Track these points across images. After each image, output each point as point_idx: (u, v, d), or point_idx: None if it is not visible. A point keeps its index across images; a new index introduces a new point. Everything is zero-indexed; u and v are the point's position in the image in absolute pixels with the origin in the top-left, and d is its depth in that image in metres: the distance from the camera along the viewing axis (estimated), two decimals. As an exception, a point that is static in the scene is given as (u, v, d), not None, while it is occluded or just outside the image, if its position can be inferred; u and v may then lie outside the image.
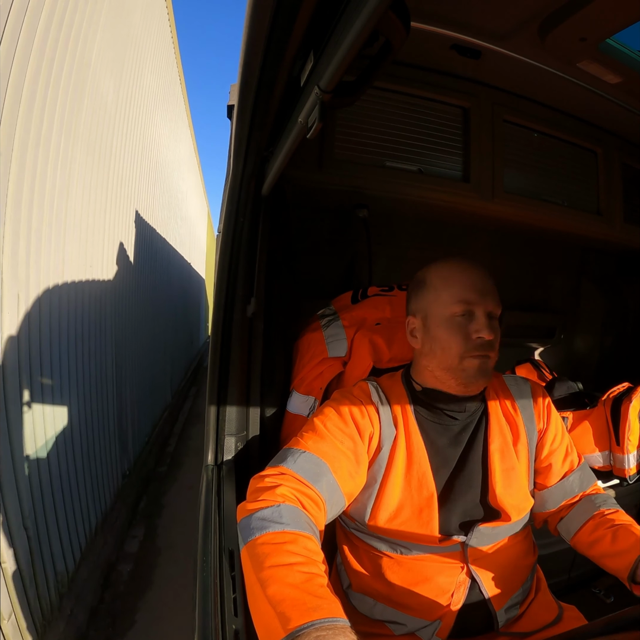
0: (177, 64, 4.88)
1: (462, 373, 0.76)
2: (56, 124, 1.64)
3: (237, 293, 1.04)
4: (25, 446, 1.53)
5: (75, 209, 1.89)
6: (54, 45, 1.58)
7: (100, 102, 2.16)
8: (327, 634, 0.45)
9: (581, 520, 0.79)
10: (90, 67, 1.96)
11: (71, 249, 1.88)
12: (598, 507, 0.79)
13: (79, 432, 2.03)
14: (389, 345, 1.06)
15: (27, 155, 1.44)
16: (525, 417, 0.83)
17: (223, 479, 0.97)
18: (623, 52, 1.03)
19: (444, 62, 1.23)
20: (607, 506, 0.79)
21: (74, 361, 1.94)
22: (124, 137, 2.72)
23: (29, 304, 1.52)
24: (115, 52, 2.40)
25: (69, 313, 1.88)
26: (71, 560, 1.86)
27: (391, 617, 0.76)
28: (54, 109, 1.63)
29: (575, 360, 2.06)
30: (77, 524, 1.97)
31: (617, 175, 1.55)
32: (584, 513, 0.80)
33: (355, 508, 0.79)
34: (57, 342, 1.76)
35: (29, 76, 1.41)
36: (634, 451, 1.35)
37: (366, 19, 0.44)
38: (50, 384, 1.69)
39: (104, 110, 2.23)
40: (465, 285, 0.76)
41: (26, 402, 1.51)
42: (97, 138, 2.13)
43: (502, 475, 0.78)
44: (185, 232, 6.68)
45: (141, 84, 3.15)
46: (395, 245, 1.63)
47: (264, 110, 0.79)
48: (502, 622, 0.75)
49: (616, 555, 0.71)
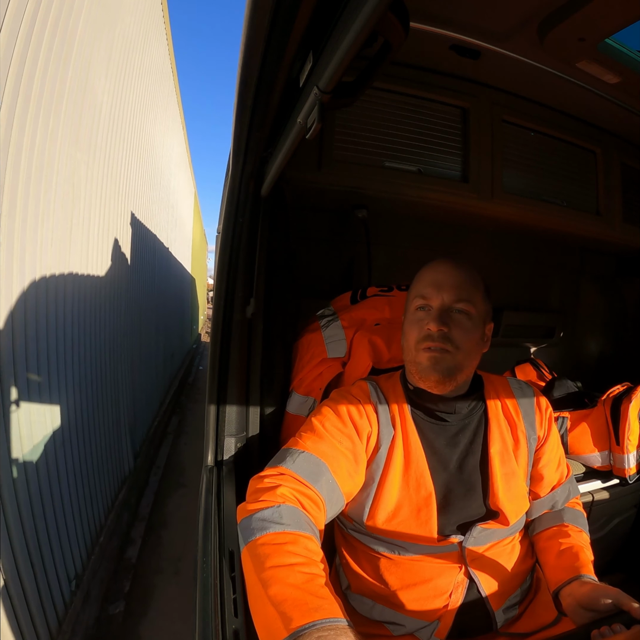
0: (168, 43, 4.27)
1: (418, 366, 0.77)
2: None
3: (237, 293, 1.04)
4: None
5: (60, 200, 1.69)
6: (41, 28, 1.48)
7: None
8: (328, 634, 0.45)
9: (547, 524, 0.84)
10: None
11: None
12: (566, 520, 0.82)
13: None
14: (389, 345, 1.06)
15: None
16: (527, 422, 0.83)
17: (223, 479, 0.97)
18: (622, 52, 1.03)
19: (443, 63, 1.23)
20: (575, 523, 0.82)
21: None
22: (114, 130, 2.50)
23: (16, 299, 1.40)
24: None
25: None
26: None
27: (390, 618, 0.76)
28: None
29: (574, 360, 2.06)
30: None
31: (616, 175, 1.55)
32: (552, 519, 0.84)
33: (353, 508, 0.79)
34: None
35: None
36: (633, 451, 1.35)
37: (365, 19, 0.44)
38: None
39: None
40: (425, 281, 0.80)
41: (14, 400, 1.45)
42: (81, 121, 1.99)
43: (502, 479, 0.77)
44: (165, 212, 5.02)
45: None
46: (394, 245, 1.63)
47: (263, 111, 0.79)
48: (500, 623, 0.75)
49: (554, 568, 0.75)
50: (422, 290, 0.79)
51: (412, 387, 0.82)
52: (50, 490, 1.61)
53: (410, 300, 0.82)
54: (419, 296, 0.79)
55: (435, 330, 0.75)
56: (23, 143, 1.42)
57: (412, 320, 0.79)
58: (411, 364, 0.79)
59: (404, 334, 0.82)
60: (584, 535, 0.81)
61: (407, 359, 0.81)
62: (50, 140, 1.61)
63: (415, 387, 0.82)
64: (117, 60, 2.52)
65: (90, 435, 2.10)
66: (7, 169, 1.33)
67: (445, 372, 0.75)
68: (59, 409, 1.76)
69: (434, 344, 0.75)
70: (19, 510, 1.38)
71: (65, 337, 1.80)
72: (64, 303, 1.80)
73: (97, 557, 1.98)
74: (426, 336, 0.76)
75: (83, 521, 1.91)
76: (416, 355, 0.77)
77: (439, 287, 0.77)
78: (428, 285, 0.78)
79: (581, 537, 0.80)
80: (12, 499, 1.35)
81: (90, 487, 2.03)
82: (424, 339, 0.76)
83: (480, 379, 0.87)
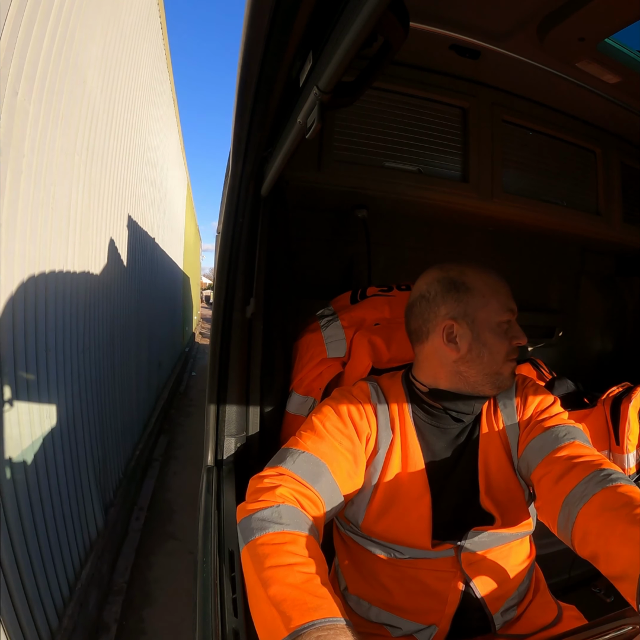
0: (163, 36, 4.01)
1: (499, 377, 0.78)
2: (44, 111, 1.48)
3: (237, 293, 1.04)
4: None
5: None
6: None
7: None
8: (328, 634, 0.45)
9: (591, 491, 0.60)
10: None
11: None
12: (612, 481, 0.60)
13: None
14: (388, 345, 1.06)
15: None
16: (505, 415, 0.81)
17: (223, 479, 0.97)
18: (622, 52, 1.03)
19: (443, 63, 1.23)
20: (624, 482, 0.60)
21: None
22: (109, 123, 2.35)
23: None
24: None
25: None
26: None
27: (386, 620, 0.76)
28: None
29: (574, 359, 2.06)
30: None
31: (616, 175, 1.55)
32: (594, 485, 0.60)
33: (350, 510, 0.79)
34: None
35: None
36: (633, 451, 1.35)
37: (365, 19, 0.43)
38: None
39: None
40: (509, 295, 0.81)
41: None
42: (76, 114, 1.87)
43: (491, 482, 0.76)
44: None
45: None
46: (394, 245, 1.63)
47: (263, 111, 0.79)
48: (499, 625, 0.75)
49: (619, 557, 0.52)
50: (511, 304, 0.80)
51: (427, 388, 0.81)
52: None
53: (494, 311, 0.78)
54: (509, 310, 0.79)
55: (526, 343, 0.80)
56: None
57: (501, 332, 0.78)
58: (490, 375, 0.78)
59: (487, 345, 0.77)
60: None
61: (488, 370, 0.77)
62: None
63: (434, 388, 0.80)
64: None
65: (39, 491, 1.48)
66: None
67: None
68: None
69: (516, 356, 0.80)
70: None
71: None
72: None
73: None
74: (515, 350, 0.79)
75: (36, 616, 1.36)
76: (502, 367, 0.78)
77: (513, 299, 0.81)
78: (510, 298, 0.81)
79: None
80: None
81: (38, 575, 1.40)
82: (512, 352, 0.79)
83: None
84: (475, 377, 0.78)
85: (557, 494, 0.64)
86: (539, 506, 0.71)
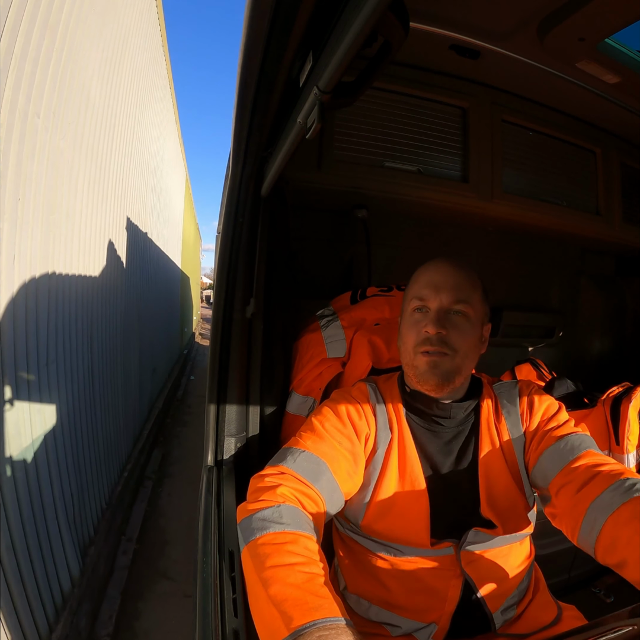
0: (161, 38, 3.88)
1: (416, 370, 0.76)
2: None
3: (237, 293, 1.04)
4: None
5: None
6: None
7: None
8: (329, 634, 0.45)
9: (617, 502, 0.59)
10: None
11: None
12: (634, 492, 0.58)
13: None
14: (388, 345, 1.06)
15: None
16: (510, 424, 0.79)
17: (223, 479, 0.97)
18: (622, 52, 1.03)
19: (443, 63, 1.23)
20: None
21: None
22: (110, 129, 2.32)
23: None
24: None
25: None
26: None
27: (386, 619, 0.76)
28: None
29: (574, 359, 2.06)
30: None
31: (616, 175, 1.56)
32: (622, 494, 0.59)
33: (349, 509, 0.79)
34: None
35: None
36: (633, 451, 1.35)
37: (365, 19, 0.44)
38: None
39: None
40: (422, 281, 0.78)
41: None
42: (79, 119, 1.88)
43: (492, 493, 0.76)
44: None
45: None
46: (394, 245, 1.63)
47: (263, 111, 0.79)
48: (499, 624, 0.75)
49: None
50: (420, 291, 0.77)
51: (409, 389, 0.82)
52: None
53: (407, 301, 0.81)
54: (416, 297, 0.78)
55: (434, 333, 0.73)
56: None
57: (409, 322, 0.78)
58: (408, 367, 0.78)
59: (401, 336, 0.81)
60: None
61: (404, 361, 0.80)
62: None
63: (412, 389, 0.81)
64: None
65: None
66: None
67: (444, 376, 0.74)
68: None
69: (433, 348, 0.74)
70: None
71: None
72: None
73: None
74: (424, 340, 0.75)
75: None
76: (414, 358, 0.76)
77: (437, 288, 0.76)
78: (425, 287, 0.77)
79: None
80: None
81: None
82: (422, 342, 0.75)
83: (480, 383, 0.85)
84: (405, 370, 0.80)
85: (580, 502, 0.64)
86: (556, 514, 0.70)
